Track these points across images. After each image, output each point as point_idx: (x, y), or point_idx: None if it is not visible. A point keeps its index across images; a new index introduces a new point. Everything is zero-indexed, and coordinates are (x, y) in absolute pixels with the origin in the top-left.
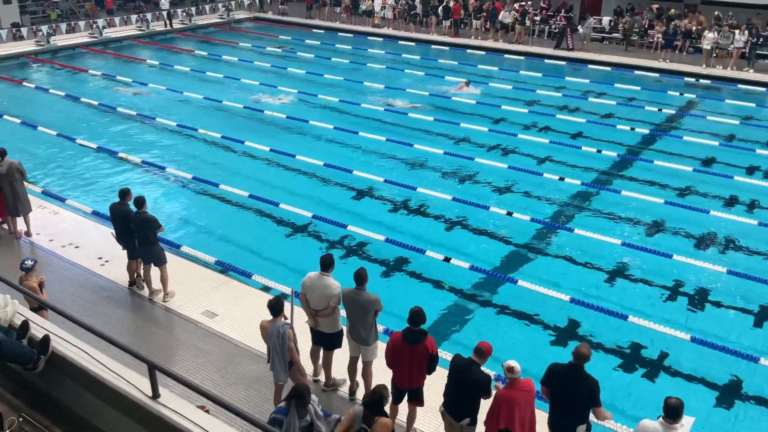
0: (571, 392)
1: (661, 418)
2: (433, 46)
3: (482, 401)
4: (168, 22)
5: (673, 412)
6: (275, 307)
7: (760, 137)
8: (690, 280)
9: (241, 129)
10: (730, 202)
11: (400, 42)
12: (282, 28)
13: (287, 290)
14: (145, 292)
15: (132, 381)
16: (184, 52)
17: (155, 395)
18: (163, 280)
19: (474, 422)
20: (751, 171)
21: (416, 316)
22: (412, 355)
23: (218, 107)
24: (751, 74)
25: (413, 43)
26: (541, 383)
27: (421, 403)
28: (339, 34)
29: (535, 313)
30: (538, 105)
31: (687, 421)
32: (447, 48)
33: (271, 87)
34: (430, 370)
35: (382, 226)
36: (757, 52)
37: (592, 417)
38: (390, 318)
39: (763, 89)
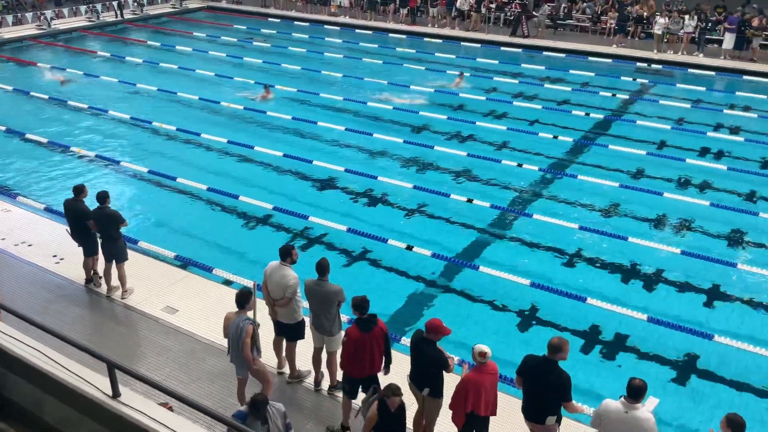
0: (544, 386)
1: (623, 398)
2: (390, 35)
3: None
4: (119, 12)
5: (635, 392)
6: (240, 300)
7: (710, 120)
8: (645, 261)
9: (197, 121)
10: (683, 184)
11: (357, 31)
12: (236, 17)
13: (249, 283)
14: (103, 289)
15: (91, 381)
16: (136, 43)
17: (116, 394)
18: (121, 277)
19: (435, 393)
20: (702, 153)
21: (363, 303)
22: (371, 341)
23: (173, 99)
24: (700, 58)
25: (370, 32)
26: (516, 373)
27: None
28: (295, 23)
29: (497, 298)
30: (495, 92)
31: (651, 403)
32: (404, 36)
33: (226, 78)
34: (388, 349)
35: (343, 216)
36: (706, 36)
37: None
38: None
39: (713, 73)
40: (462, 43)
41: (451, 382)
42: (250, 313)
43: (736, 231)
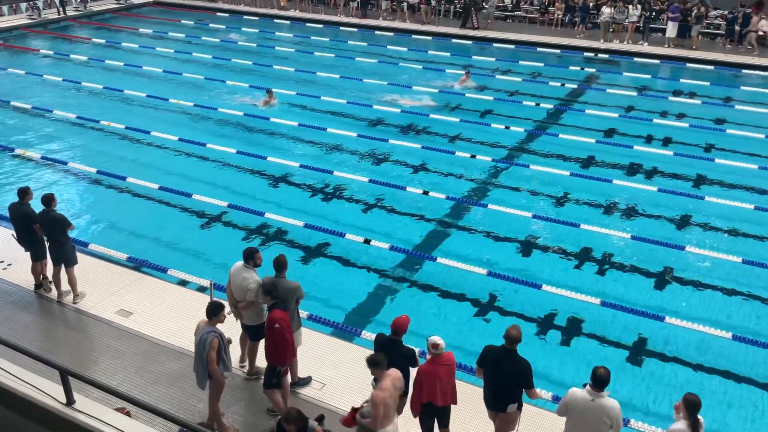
0: (505, 375)
1: (588, 387)
2: (341, 28)
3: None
4: (61, 9)
5: (601, 381)
6: (209, 310)
7: (656, 107)
8: (597, 246)
9: (146, 119)
10: (632, 171)
11: (307, 24)
12: (184, 12)
13: (206, 283)
14: (53, 294)
15: (44, 389)
16: (80, 41)
17: (70, 402)
18: (71, 281)
19: (405, 393)
20: (649, 140)
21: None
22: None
23: (120, 97)
24: (645, 47)
25: (321, 26)
26: (476, 364)
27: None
28: (244, 17)
29: (455, 288)
30: (446, 84)
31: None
32: (356, 30)
33: (175, 74)
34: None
35: (300, 212)
36: (651, 25)
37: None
38: (313, 304)
39: (657, 61)
40: (413, 36)
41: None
42: (220, 326)
43: (684, 215)
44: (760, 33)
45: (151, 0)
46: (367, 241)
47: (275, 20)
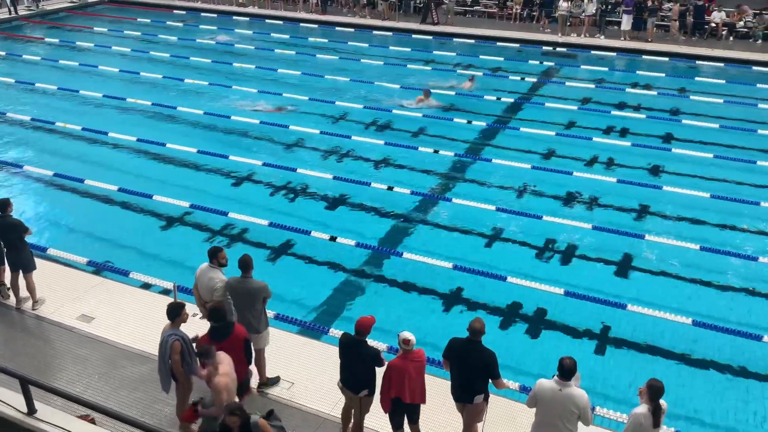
0: (471, 366)
1: (555, 377)
2: (301, 24)
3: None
4: (12, 8)
5: (567, 371)
6: (169, 312)
7: (613, 99)
8: (560, 237)
9: (103, 120)
10: (591, 162)
11: (267, 21)
12: (140, 10)
13: (169, 285)
14: (12, 301)
15: (4, 398)
16: (33, 40)
17: (31, 411)
18: (30, 287)
19: (372, 392)
20: (607, 131)
21: (215, 312)
22: (224, 349)
23: (76, 98)
24: (602, 40)
25: (281, 22)
26: (442, 357)
27: (248, 391)
28: (202, 14)
29: (421, 283)
30: (409, 79)
31: (576, 377)
32: (316, 26)
33: (132, 73)
34: (248, 354)
35: (264, 210)
36: (607, 19)
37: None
38: (280, 303)
39: (614, 54)
40: (374, 32)
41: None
42: (183, 326)
43: (643, 204)
44: (713, 24)
45: None
46: (332, 239)
47: (234, 17)
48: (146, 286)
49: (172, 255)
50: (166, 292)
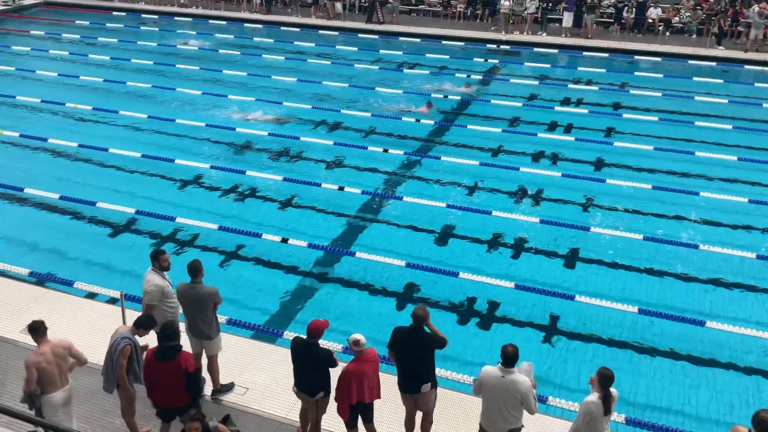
0: (415, 353)
1: (499, 364)
2: (246, 25)
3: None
4: None
5: (509, 358)
6: (138, 323)
7: (557, 95)
8: (509, 232)
9: (42, 125)
10: (537, 158)
11: (210, 22)
12: (77, 12)
13: (116, 294)
14: None
15: None
16: None
17: None
18: None
19: (327, 393)
20: (552, 127)
21: (168, 329)
22: (163, 372)
23: (12, 103)
24: (544, 38)
25: (224, 22)
26: (387, 348)
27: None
28: (143, 15)
29: (375, 282)
30: (357, 79)
31: (528, 367)
32: (261, 26)
33: (71, 77)
34: (191, 389)
35: (213, 215)
36: (548, 16)
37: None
38: (233, 307)
39: (556, 51)
40: (320, 32)
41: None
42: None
43: (588, 197)
44: (650, 20)
45: (41, 1)
46: (284, 240)
47: (176, 18)
48: (92, 296)
49: (118, 263)
50: (112, 301)
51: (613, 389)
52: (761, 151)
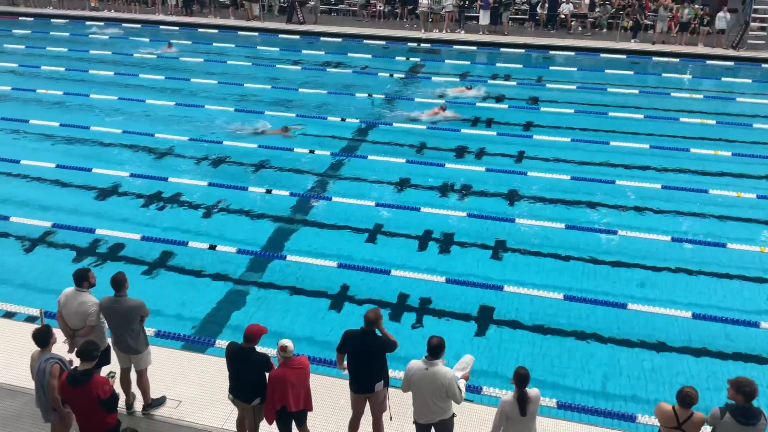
0: (366, 354)
1: (425, 357)
2: (162, 27)
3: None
4: None
5: (434, 350)
6: (39, 337)
7: (477, 90)
8: (438, 227)
9: None
10: (461, 153)
11: (123, 25)
12: None
13: (35, 312)
14: None
15: None
16: None
17: None
18: None
19: (264, 400)
20: (474, 123)
21: (84, 351)
22: (76, 398)
23: None
24: (462, 35)
25: (138, 25)
26: (337, 351)
27: None
28: (52, 20)
29: (308, 284)
30: (279, 81)
31: (469, 360)
32: (177, 28)
33: None
34: (110, 411)
35: (135, 224)
36: (465, 14)
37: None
38: (160, 319)
39: (474, 48)
40: (239, 33)
41: None
42: (55, 349)
43: (511, 189)
44: (562, 15)
45: None
46: (212, 247)
47: (87, 22)
48: (9, 315)
49: (35, 279)
50: (31, 319)
51: (533, 389)
52: (671, 139)
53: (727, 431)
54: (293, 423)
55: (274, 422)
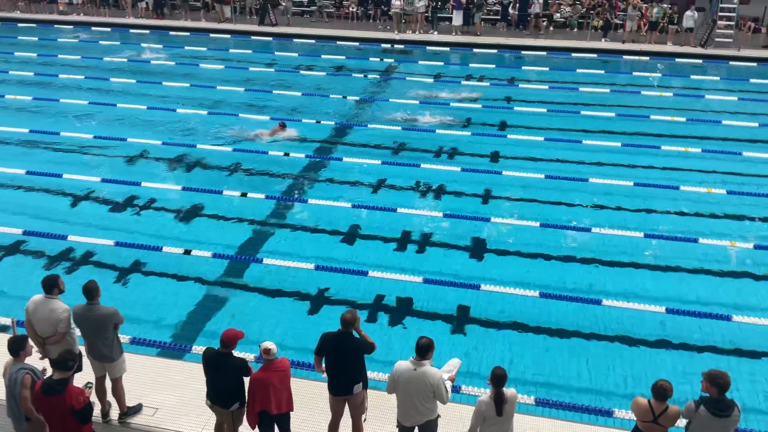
0: (345, 354)
1: (412, 357)
2: (132, 30)
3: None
4: None
5: (421, 350)
6: (12, 347)
7: (451, 92)
8: (415, 228)
9: None
10: (437, 154)
11: (93, 28)
12: None
13: (7, 321)
14: None
15: None
16: None
17: None
18: None
19: (243, 404)
20: (449, 123)
21: (61, 361)
22: (50, 408)
23: None
24: (435, 36)
25: (109, 29)
26: (315, 354)
27: None
28: (19, 25)
29: (285, 287)
30: (253, 83)
31: (456, 362)
32: (148, 31)
33: None
34: (84, 421)
35: (108, 230)
36: (438, 15)
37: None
38: (136, 326)
39: (447, 49)
40: (211, 35)
41: None
42: (29, 360)
43: (486, 189)
44: (532, 15)
45: None
46: (187, 252)
47: (56, 26)
48: None
49: (7, 288)
50: (3, 328)
51: (510, 390)
52: (642, 136)
53: (702, 423)
54: (275, 427)
55: (256, 426)
